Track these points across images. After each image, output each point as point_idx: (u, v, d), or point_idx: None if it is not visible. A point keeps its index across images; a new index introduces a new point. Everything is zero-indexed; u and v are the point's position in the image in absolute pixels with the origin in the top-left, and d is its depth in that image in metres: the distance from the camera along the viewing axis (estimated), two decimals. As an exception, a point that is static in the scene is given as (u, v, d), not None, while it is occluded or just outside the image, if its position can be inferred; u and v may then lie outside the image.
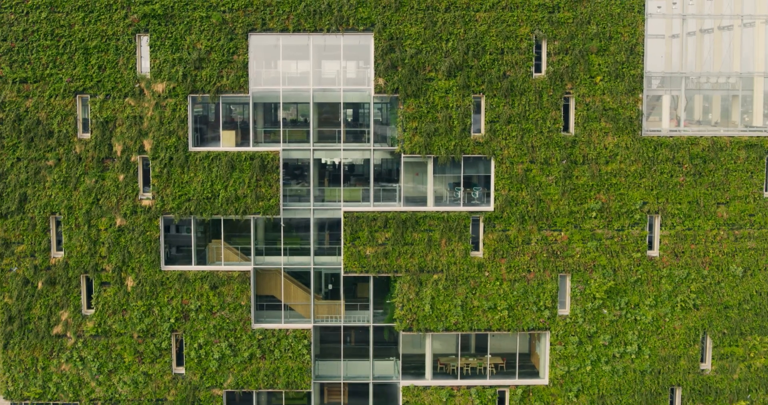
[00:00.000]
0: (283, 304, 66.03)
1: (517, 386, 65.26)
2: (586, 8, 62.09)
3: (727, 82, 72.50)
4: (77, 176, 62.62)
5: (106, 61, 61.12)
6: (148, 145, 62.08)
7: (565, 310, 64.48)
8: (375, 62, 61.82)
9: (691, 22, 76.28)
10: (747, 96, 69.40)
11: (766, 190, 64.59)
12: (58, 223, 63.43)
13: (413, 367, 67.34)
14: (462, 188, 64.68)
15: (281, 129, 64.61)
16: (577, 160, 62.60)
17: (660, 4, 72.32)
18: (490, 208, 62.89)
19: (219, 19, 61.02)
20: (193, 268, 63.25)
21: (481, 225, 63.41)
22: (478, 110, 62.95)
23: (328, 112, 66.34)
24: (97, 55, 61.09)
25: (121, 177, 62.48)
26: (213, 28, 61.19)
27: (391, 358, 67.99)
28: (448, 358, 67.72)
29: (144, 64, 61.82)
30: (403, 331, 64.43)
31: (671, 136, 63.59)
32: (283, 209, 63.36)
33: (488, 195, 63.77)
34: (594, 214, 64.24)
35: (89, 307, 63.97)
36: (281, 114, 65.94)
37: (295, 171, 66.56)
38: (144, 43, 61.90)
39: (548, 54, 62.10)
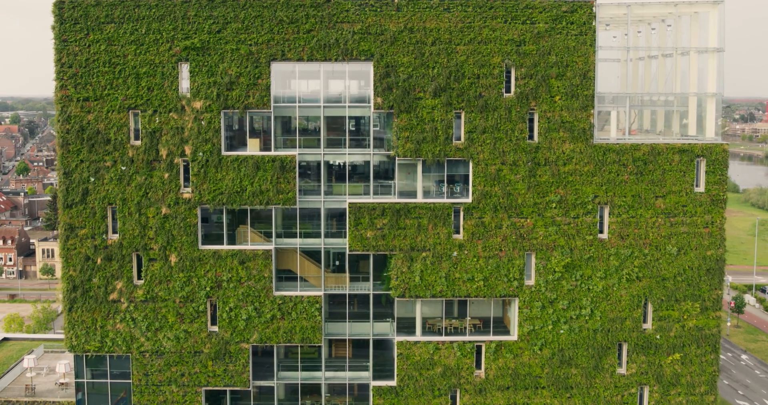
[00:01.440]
0: (298, 276, 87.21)
1: (491, 341, 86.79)
2: (547, 42, 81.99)
3: (667, 100, 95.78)
4: (130, 175, 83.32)
5: (154, 83, 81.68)
6: (188, 150, 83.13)
7: (530, 281, 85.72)
8: (374, 85, 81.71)
9: (643, 49, 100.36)
10: (684, 111, 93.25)
11: (696, 186, 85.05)
12: (113, 212, 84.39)
13: (406, 326, 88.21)
14: (446, 184, 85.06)
15: (297, 137, 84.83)
16: (540, 162, 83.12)
17: (615, 34, 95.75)
18: (469, 200, 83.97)
19: (246, 51, 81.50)
20: (225, 247, 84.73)
21: (461, 214, 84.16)
22: (458, 123, 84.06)
23: (335, 123, 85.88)
24: (146, 79, 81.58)
25: (166, 175, 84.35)
26: (241, 58, 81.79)
27: (387, 320, 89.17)
28: (434, 320, 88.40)
29: (184, 86, 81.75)
30: (398, 297, 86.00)
31: (618, 143, 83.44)
32: (299, 201, 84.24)
33: (467, 190, 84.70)
34: (554, 205, 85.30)
35: (139, 278, 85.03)
36: (297, 125, 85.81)
37: (308, 170, 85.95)
38: (184, 69, 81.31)
39: (516, 78, 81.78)
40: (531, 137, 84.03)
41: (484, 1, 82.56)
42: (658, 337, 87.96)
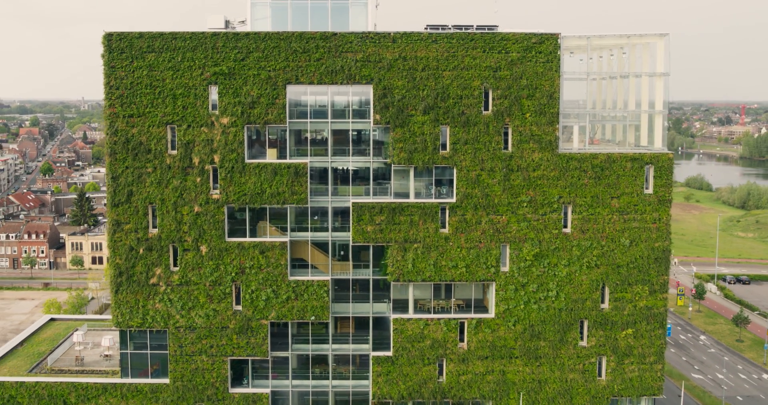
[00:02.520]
0: (309, 264, 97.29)
1: (472, 319, 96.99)
2: (519, 68, 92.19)
3: (623, 115, 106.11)
4: (167, 179, 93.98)
5: (188, 102, 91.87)
6: (217, 158, 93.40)
7: (505, 268, 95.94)
8: (373, 104, 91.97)
9: (606, 69, 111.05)
10: (637, 125, 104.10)
11: (645, 189, 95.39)
12: (153, 210, 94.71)
13: (400, 306, 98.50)
14: (434, 187, 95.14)
15: (308, 147, 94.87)
16: (513, 168, 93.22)
17: (581, 56, 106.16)
18: (453, 200, 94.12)
19: (266, 76, 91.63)
20: (247, 239, 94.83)
21: (447, 211, 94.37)
22: (444, 135, 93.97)
23: (340, 135, 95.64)
24: (181, 98, 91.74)
25: (198, 179, 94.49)
26: (262, 81, 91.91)
27: (384, 301, 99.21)
28: (424, 301, 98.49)
29: (213, 105, 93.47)
30: (393, 281, 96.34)
31: (579, 152, 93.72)
32: (310, 201, 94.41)
33: (452, 191, 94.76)
34: (525, 204, 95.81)
35: (175, 265, 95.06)
36: (308, 137, 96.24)
37: (318, 175, 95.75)
38: (214, 91, 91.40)
39: (493, 99, 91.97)
40: (506, 148, 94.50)
41: (466, 34, 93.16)
42: (613, 315, 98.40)
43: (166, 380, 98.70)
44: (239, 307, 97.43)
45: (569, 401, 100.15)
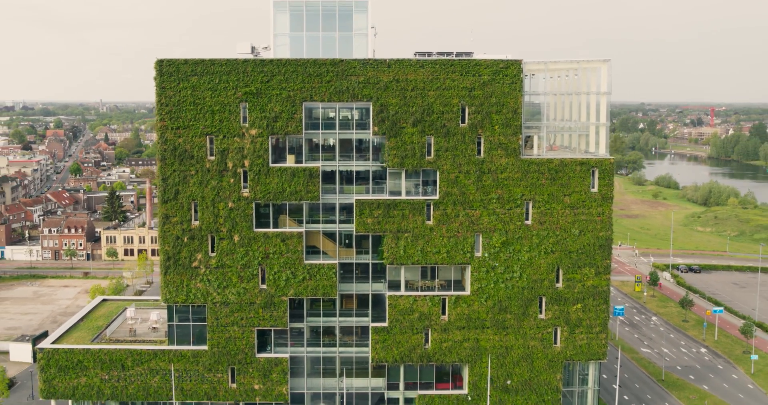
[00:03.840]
0: (321, 250, 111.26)
1: (452, 295, 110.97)
2: (489, 89, 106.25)
3: (574, 127, 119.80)
4: (207, 180, 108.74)
5: (223, 117, 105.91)
6: (246, 163, 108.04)
7: (478, 253, 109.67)
8: (372, 117, 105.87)
9: (563, 86, 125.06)
10: (586, 134, 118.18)
11: (591, 188, 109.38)
12: (195, 205, 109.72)
13: (394, 285, 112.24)
14: (421, 186, 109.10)
15: (320, 153, 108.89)
16: (485, 171, 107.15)
17: (542, 77, 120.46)
18: (436, 197, 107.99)
19: (286, 95, 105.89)
20: (271, 230, 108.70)
21: (431, 207, 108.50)
22: (429, 144, 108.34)
23: (345, 143, 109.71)
24: (218, 114, 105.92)
25: (231, 180, 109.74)
26: (283, 99, 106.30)
27: (381, 281, 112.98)
28: (413, 281, 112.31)
29: (244, 118, 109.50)
30: (388, 265, 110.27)
31: (538, 158, 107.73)
32: (321, 198, 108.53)
33: (435, 190, 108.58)
34: (494, 200, 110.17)
35: (212, 251, 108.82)
36: (320, 144, 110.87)
37: (327, 176, 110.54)
38: (244, 107, 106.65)
39: (468, 114, 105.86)
40: (479, 154, 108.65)
41: (446, 60, 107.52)
42: (566, 292, 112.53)
43: (205, 347, 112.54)
44: (264, 286, 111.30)
45: (530, 364, 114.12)
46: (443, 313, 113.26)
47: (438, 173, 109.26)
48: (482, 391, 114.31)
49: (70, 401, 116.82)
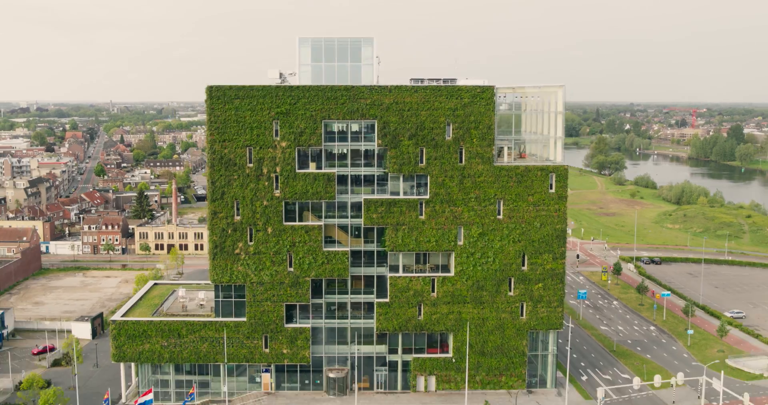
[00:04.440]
0: (336, 239, 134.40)
1: (440, 276, 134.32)
2: (469, 109, 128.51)
3: (538, 139, 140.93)
4: (247, 183, 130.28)
5: (260, 132, 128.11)
6: (278, 169, 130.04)
7: (461, 242, 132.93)
8: (377, 132, 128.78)
9: (530, 105, 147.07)
10: (547, 145, 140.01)
11: (550, 189, 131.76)
12: (237, 203, 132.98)
13: (394, 268, 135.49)
14: (415, 188, 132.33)
15: (335, 161, 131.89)
16: (465, 176, 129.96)
17: (510, 98, 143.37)
18: (427, 197, 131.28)
19: (309, 114, 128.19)
20: (297, 223, 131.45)
21: (423, 204, 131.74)
22: (422, 154, 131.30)
23: (355, 153, 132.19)
24: (256, 130, 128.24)
25: (266, 183, 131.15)
26: (307, 118, 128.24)
27: (384, 265, 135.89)
28: (409, 265, 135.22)
29: (276, 133, 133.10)
30: (389, 251, 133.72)
31: (507, 165, 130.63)
32: (337, 197, 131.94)
33: (427, 191, 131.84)
34: (473, 199, 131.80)
35: (250, 241, 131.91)
36: (335, 154, 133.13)
37: (341, 179, 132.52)
38: (276, 124, 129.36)
39: (452, 129, 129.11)
40: (460, 162, 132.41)
41: (435, 87, 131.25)
42: (530, 274, 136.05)
43: (244, 319, 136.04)
44: (291, 269, 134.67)
45: (502, 333, 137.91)
46: (432, 290, 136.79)
47: (428, 177, 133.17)
48: (463, 355, 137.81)
49: (132, 365, 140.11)
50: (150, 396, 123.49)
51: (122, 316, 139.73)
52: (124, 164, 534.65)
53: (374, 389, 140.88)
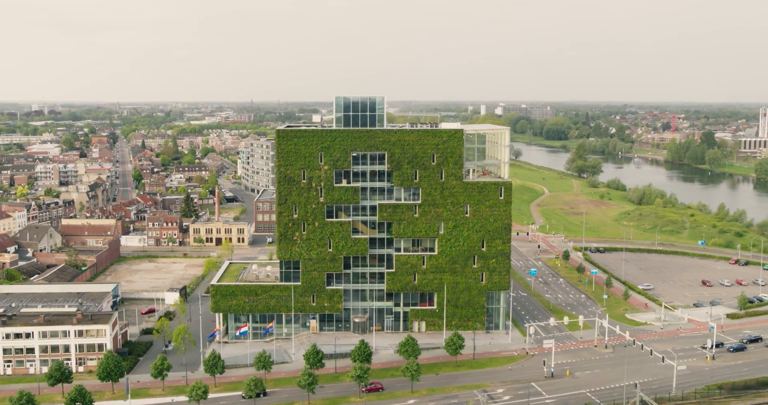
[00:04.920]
0: (359, 230, 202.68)
1: (428, 255, 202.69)
2: (446, 144, 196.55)
3: (493, 163, 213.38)
4: (302, 193, 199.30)
5: (311, 160, 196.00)
6: (322, 184, 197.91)
7: (441, 232, 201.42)
8: (387, 159, 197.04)
9: (491, 139, 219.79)
10: (499, 167, 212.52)
11: (500, 196, 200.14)
12: (295, 206, 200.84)
13: (398, 249, 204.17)
14: (412, 196, 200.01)
15: (359, 178, 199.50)
16: (444, 188, 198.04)
17: (474, 137, 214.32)
18: (420, 202, 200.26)
19: (342, 148, 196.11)
20: (334, 220, 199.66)
21: (417, 207, 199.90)
22: (415, 174, 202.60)
23: (372, 172, 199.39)
24: (308, 158, 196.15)
25: (314, 193, 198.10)
26: (341, 150, 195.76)
27: (391, 247, 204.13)
28: (408, 247, 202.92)
29: (320, 159, 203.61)
30: (395, 238, 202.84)
31: (472, 181, 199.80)
32: (360, 202, 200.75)
33: (419, 198, 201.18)
34: (449, 204, 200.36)
35: (303, 231, 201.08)
36: (360, 173, 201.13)
37: (363, 190, 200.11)
38: (320, 154, 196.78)
39: (436, 158, 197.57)
40: (441, 179, 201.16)
41: (425, 130, 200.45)
42: (487, 253, 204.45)
43: (299, 283, 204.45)
44: (330, 250, 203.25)
45: (469, 292, 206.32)
46: (423, 264, 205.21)
47: (420, 189, 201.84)
48: (443, 307, 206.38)
49: (219, 315, 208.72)
50: (246, 328, 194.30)
51: (217, 282, 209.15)
52: (156, 169, 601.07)
53: (384, 330, 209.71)
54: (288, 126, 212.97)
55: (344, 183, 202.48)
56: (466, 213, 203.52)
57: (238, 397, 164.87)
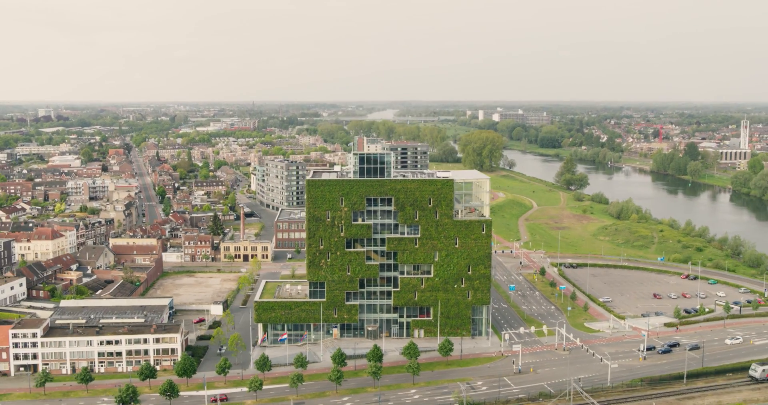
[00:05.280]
0: (372, 258, 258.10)
1: (426, 277, 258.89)
2: (440, 190, 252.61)
3: (474, 205, 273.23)
4: (326, 228, 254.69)
5: (333, 202, 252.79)
6: (342, 222, 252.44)
7: (436, 259, 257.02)
8: (394, 203, 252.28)
9: (477, 185, 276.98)
10: (482, 208, 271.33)
11: (482, 231, 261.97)
12: (322, 239, 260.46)
13: (402, 273, 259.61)
14: (413, 231, 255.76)
15: (372, 216, 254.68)
16: (439, 224, 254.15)
17: (462, 186, 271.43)
18: (419, 235, 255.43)
19: (358, 194, 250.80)
20: (352, 250, 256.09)
21: (417, 240, 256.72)
22: (417, 213, 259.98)
23: (382, 212, 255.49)
24: (331, 201, 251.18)
25: (336, 229, 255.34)
26: (357, 196, 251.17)
27: (397, 271, 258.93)
28: (410, 270, 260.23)
29: (341, 202, 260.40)
30: (400, 263, 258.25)
31: (461, 219, 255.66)
32: (372, 235, 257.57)
33: (419, 232, 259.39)
34: (442, 237, 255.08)
35: (328, 258, 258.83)
36: (372, 212, 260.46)
37: (375, 226, 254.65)
38: (341, 198, 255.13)
39: (432, 200, 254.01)
40: (436, 217, 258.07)
41: (423, 180, 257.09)
42: (472, 275, 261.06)
43: (324, 299, 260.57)
44: (349, 273, 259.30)
45: (458, 306, 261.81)
46: (422, 284, 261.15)
47: (420, 226, 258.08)
48: (437, 318, 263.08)
49: (261, 325, 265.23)
50: (285, 336, 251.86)
51: (259, 298, 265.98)
52: (176, 184, 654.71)
53: (391, 337, 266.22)
54: (314, 171, 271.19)
55: (360, 221, 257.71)
56: (456, 244, 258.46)
57: (284, 388, 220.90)
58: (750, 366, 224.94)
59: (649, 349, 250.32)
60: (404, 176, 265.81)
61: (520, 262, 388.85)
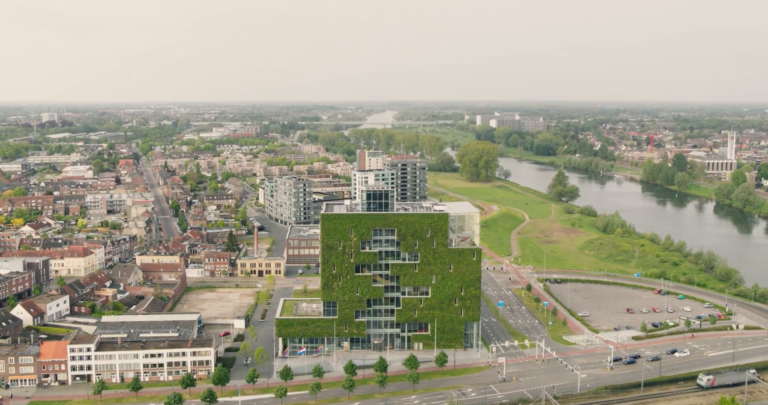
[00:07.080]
0: (378, 281, 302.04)
1: (424, 297, 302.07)
2: (437, 223, 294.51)
3: (466, 234, 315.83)
4: (338, 256, 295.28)
5: (344, 234, 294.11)
6: (352, 250, 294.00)
7: (434, 281, 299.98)
8: (397, 233, 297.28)
9: (469, 217, 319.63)
10: (473, 236, 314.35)
11: (473, 258, 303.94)
12: (334, 264, 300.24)
13: (404, 293, 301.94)
14: (413, 258, 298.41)
15: (378, 245, 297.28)
16: (436, 252, 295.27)
17: (456, 218, 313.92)
18: (418, 261, 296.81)
19: (366, 226, 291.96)
20: (360, 274, 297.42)
21: (417, 265, 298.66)
22: (416, 243, 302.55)
23: (386, 241, 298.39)
24: (342, 233, 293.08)
25: (347, 256, 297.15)
26: (365, 227, 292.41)
27: (399, 292, 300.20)
28: (411, 291, 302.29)
29: (352, 233, 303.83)
30: (402, 286, 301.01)
31: (454, 247, 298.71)
32: (378, 262, 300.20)
33: (418, 259, 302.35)
34: (438, 262, 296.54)
35: (340, 281, 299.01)
36: (378, 240, 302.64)
37: (381, 253, 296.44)
38: (351, 230, 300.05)
39: (429, 232, 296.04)
40: (433, 246, 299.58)
41: (422, 214, 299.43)
42: (464, 296, 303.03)
43: (336, 316, 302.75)
44: (358, 294, 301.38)
45: (452, 322, 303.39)
46: (421, 303, 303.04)
47: (419, 253, 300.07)
48: (434, 333, 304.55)
49: (279, 338, 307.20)
50: (303, 350, 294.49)
51: (279, 316, 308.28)
52: (188, 197, 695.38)
53: (394, 349, 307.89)
54: (326, 204, 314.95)
55: (367, 249, 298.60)
56: (450, 269, 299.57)
57: (304, 394, 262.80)
58: (698, 376, 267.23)
59: (616, 360, 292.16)
60: (405, 210, 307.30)
61: (510, 278, 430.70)
